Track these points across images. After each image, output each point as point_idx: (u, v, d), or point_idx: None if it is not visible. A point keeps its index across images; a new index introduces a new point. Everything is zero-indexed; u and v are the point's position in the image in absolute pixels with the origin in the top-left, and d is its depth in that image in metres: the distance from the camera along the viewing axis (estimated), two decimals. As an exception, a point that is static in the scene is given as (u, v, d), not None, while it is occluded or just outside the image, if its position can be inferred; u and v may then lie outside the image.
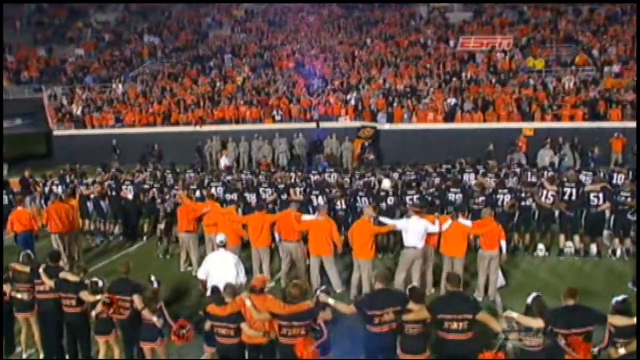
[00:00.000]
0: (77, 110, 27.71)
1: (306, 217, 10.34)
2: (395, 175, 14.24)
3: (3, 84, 29.03)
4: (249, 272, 10.46)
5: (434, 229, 9.45)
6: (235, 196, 13.08)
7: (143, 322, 7.11)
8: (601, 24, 27.72)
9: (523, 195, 11.62)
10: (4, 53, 34.85)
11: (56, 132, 27.52)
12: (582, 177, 13.36)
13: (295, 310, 6.29)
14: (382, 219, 9.96)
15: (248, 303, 6.51)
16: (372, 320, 6.19)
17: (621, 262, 11.15)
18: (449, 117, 22.68)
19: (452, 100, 23.06)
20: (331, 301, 6.38)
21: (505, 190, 11.63)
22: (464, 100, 22.99)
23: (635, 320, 5.75)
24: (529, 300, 6.17)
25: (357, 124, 23.85)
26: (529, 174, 14.02)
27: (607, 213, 11.53)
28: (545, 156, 18.23)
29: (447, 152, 20.76)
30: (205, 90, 27.56)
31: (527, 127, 21.30)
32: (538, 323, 5.83)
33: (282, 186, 13.14)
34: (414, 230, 9.34)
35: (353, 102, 24.45)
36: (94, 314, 7.31)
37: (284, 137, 23.18)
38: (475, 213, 11.55)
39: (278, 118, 24.91)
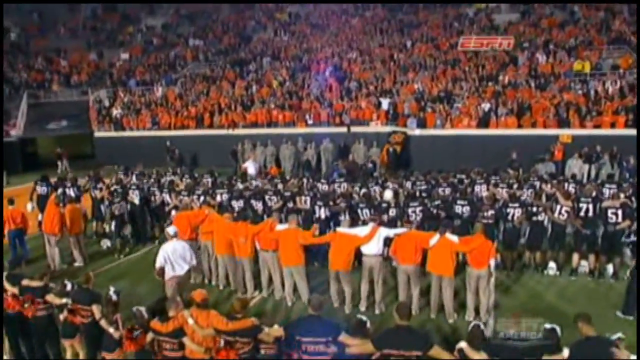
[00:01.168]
0: (116, 113, 28.41)
1: (280, 226, 10.12)
2: (408, 184, 13.72)
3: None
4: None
5: (391, 233, 9.21)
6: (241, 203, 12.96)
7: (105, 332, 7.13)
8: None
9: (535, 209, 10.86)
10: (55, 56, 36.48)
11: (97, 134, 28.37)
12: (606, 190, 12.50)
13: (237, 327, 6.16)
14: (341, 229, 9.69)
15: (190, 321, 6.39)
16: (299, 346, 5.85)
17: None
18: (482, 122, 21.76)
19: (486, 105, 22.10)
20: (266, 329, 6.15)
21: (516, 204, 10.90)
22: (497, 105, 22.00)
23: (564, 354, 5.31)
24: (469, 327, 5.70)
25: (388, 128, 23.33)
26: (549, 185, 13.15)
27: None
28: (574, 166, 17.05)
29: (480, 159, 20.16)
30: (239, 94, 27.67)
31: (565, 133, 20.18)
32: (481, 355, 5.31)
33: (287, 194, 12.89)
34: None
35: (385, 107, 23.89)
36: (61, 317, 7.44)
37: (312, 141, 22.96)
38: (484, 227, 10.94)
39: (310, 122, 24.67)
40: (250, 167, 18.68)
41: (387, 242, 9.45)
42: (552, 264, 10.93)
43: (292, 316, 9.55)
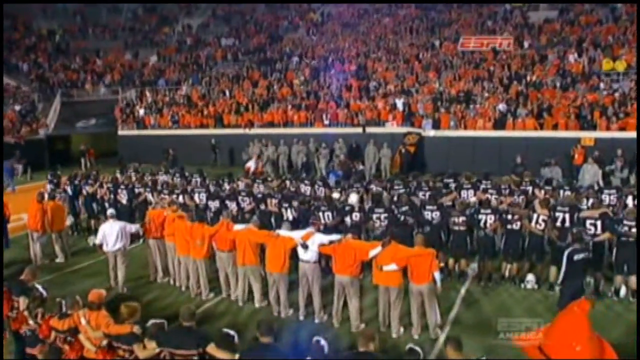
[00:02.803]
0: (140, 111, 28.83)
1: (237, 227, 9.86)
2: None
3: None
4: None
5: (326, 239, 8.72)
6: (217, 203, 12.78)
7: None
8: None
9: (509, 217, 10.05)
10: (93, 56, 37.46)
11: (120, 132, 28.90)
12: (605, 197, 11.52)
13: (115, 331, 6.07)
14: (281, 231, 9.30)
15: (82, 321, 6.35)
16: (172, 357, 5.52)
17: (622, 305, 9.26)
18: (499, 123, 20.74)
19: (503, 106, 21.06)
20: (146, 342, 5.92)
21: (488, 210, 10.13)
22: (517, 106, 20.91)
23: None
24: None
25: (404, 129, 22.63)
26: (542, 192, 12.23)
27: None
28: (587, 172, 15.77)
29: (497, 161, 19.31)
30: (260, 93, 27.54)
31: (586, 136, 18.94)
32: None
33: (259, 195, 12.60)
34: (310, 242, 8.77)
35: (400, 107, 23.18)
36: None
37: (323, 142, 22.53)
38: (455, 235, 10.28)
39: (326, 122, 24.24)
40: (253, 167, 18.44)
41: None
42: (530, 277, 10.06)
43: (240, 318, 9.42)
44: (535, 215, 9.85)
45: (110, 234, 10.59)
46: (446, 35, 30.46)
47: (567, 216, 9.59)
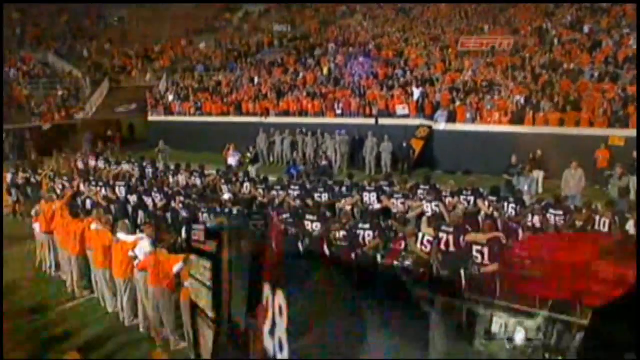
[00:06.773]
0: (169, 97, 28.73)
1: (93, 226, 9.13)
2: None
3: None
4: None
5: (148, 249, 7.84)
6: (135, 198, 12.00)
7: None
8: None
9: (393, 234, 8.22)
10: (152, 44, 38.09)
11: (150, 118, 29.00)
12: (550, 217, 9.24)
13: None
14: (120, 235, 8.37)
15: None
16: None
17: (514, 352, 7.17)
18: (517, 117, 18.08)
19: (521, 99, 18.34)
20: None
21: (367, 225, 8.33)
22: (538, 100, 18.08)
23: None
24: None
25: (417, 121, 20.53)
26: (486, 203, 10.08)
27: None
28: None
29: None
30: (284, 81, 26.40)
31: (616, 134, 15.91)
32: None
33: (169, 193, 11.64)
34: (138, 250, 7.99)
35: (416, 97, 21.02)
36: None
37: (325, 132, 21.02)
38: (337, 250, 8.62)
39: (339, 112, 22.62)
40: (231, 158, 17.46)
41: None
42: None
43: (85, 320, 9.02)
44: (420, 235, 7.94)
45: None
46: (501, 21, 27.46)
47: (450, 238, 7.57)
